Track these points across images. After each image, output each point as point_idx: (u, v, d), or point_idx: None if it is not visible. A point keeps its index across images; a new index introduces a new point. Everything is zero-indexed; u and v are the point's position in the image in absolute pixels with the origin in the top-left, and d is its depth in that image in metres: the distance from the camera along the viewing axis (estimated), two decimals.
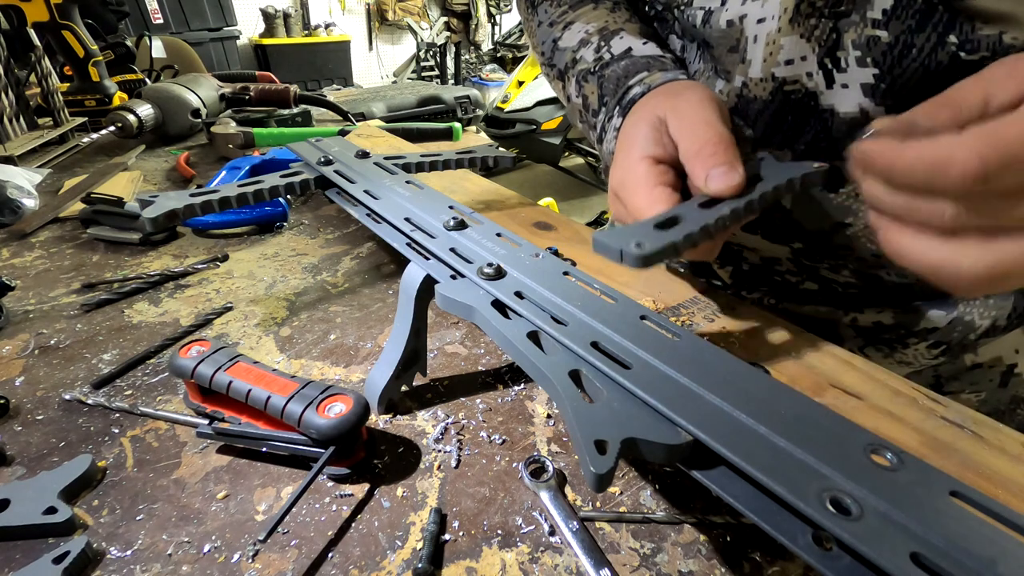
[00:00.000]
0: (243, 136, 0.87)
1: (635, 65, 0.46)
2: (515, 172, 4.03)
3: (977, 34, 0.34)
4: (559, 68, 0.54)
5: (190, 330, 0.47)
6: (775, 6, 0.40)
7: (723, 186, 0.33)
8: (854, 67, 0.38)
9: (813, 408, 0.25)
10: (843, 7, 0.37)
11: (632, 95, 0.44)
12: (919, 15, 0.35)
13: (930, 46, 0.35)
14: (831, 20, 0.38)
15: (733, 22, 0.42)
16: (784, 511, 0.22)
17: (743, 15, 0.42)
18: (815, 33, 0.39)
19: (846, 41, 0.38)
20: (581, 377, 0.28)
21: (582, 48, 0.51)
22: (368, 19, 5.26)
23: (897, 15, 0.35)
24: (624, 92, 0.45)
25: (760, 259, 0.53)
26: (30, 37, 0.94)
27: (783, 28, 0.40)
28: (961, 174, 0.24)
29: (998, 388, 0.48)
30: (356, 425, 0.32)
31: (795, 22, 0.39)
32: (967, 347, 0.47)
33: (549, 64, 0.56)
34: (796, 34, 0.39)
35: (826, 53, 0.39)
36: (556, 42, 0.54)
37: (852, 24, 0.37)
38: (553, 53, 0.54)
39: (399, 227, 0.41)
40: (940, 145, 0.25)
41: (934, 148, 0.25)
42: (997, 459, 0.34)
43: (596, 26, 0.51)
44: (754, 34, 0.42)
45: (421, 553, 0.29)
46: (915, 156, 0.26)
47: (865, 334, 0.50)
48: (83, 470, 0.32)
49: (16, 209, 0.66)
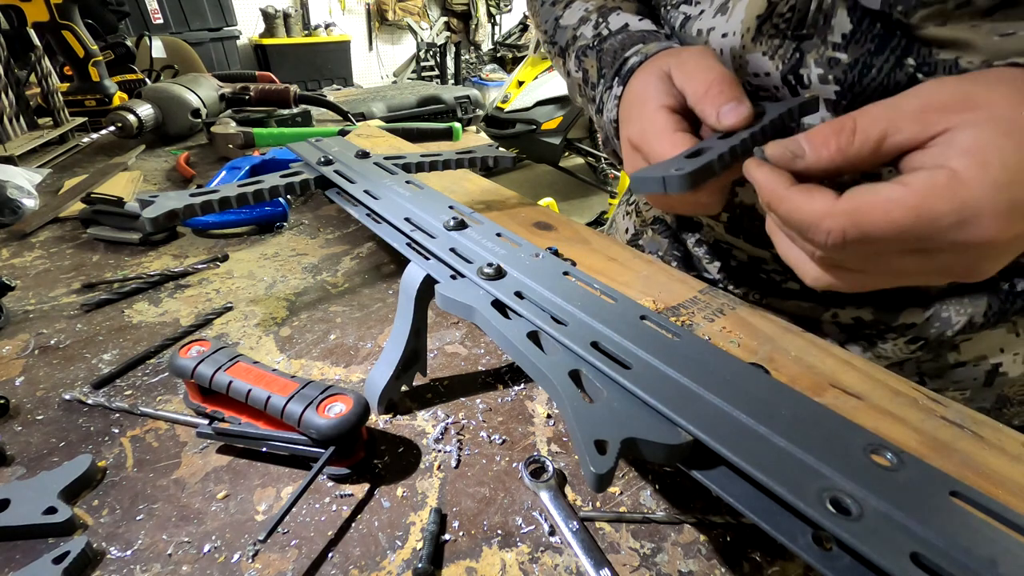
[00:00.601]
0: (243, 136, 0.87)
1: (631, 39, 0.47)
2: (515, 172, 4.03)
3: (934, 58, 0.35)
4: (560, 45, 0.56)
5: (190, 330, 0.47)
6: (737, 23, 0.41)
7: (735, 119, 0.34)
8: (816, 83, 0.40)
9: (813, 408, 0.25)
10: (805, 30, 0.39)
11: (630, 65, 0.45)
12: (878, 39, 0.36)
13: (888, 67, 0.36)
14: (794, 42, 0.39)
15: (702, 32, 0.45)
16: (784, 511, 0.22)
17: (711, 28, 0.44)
18: (779, 52, 0.40)
19: (808, 60, 0.39)
20: (581, 377, 0.28)
21: (582, 25, 0.53)
22: (368, 19, 5.26)
23: (856, 39, 0.37)
24: (622, 63, 0.46)
25: (748, 257, 0.54)
26: (30, 37, 0.94)
27: (746, 45, 0.42)
28: (824, 241, 0.28)
29: (983, 387, 0.48)
30: (356, 425, 0.32)
31: (757, 41, 0.41)
32: (946, 344, 0.48)
33: (551, 42, 0.58)
34: (759, 51, 0.41)
35: (789, 70, 0.41)
36: (558, 20, 0.56)
37: (814, 46, 0.39)
38: (555, 31, 0.57)
39: (399, 227, 0.41)
40: (812, 210, 0.28)
41: (806, 211, 0.29)
42: (997, 459, 0.34)
43: (595, 4, 0.54)
44: (719, 47, 0.44)
45: (421, 553, 0.29)
46: (790, 210, 0.29)
47: (846, 330, 0.51)
48: (83, 470, 0.32)
49: (16, 209, 0.66)
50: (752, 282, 0.55)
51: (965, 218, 0.25)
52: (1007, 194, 0.25)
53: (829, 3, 0.37)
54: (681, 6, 0.47)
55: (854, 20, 0.36)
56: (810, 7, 0.38)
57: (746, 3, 0.41)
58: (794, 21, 0.39)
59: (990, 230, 0.25)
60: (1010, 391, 0.49)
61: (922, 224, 0.26)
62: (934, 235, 0.26)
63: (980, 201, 0.25)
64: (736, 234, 0.54)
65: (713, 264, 0.58)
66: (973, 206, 0.25)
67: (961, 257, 0.28)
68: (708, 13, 0.44)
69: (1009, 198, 0.25)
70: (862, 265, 0.30)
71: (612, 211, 1.09)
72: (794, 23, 0.39)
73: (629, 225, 0.69)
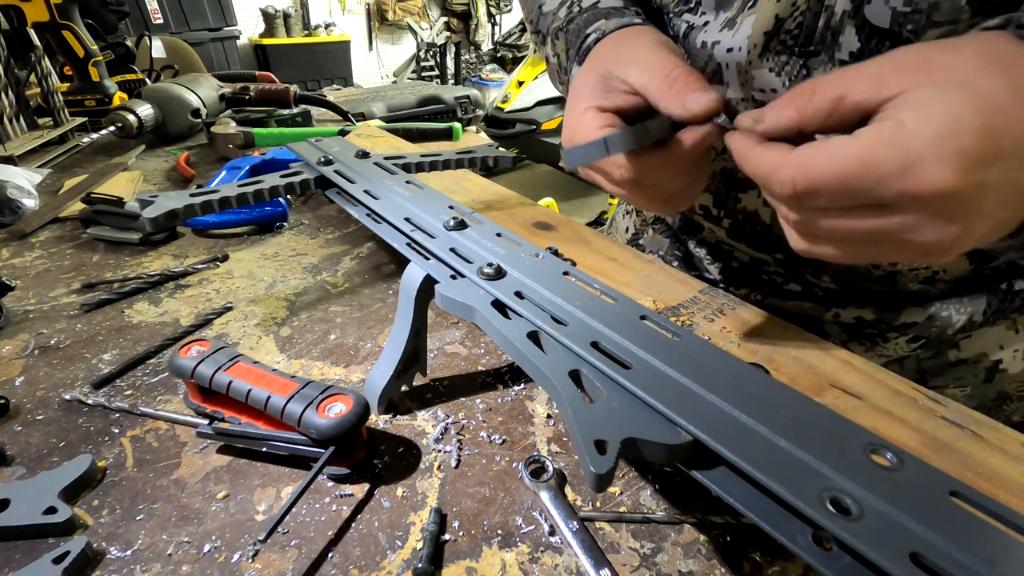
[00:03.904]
0: (243, 136, 0.87)
1: (595, 15, 0.46)
2: (515, 172, 4.03)
3: None
4: (543, 33, 0.55)
5: (190, 330, 0.47)
6: (743, 39, 0.41)
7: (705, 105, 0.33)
8: None
9: (813, 408, 0.25)
10: (812, 47, 0.38)
11: (587, 43, 0.44)
12: None
13: None
14: (801, 58, 0.39)
15: (707, 44, 0.44)
16: (784, 511, 0.22)
17: (716, 41, 0.43)
18: (785, 68, 0.40)
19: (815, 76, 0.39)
20: (581, 377, 0.28)
21: (560, 8, 0.52)
22: (368, 19, 5.25)
23: (864, 57, 0.36)
24: (582, 42, 0.45)
25: (749, 259, 0.54)
26: (30, 37, 0.94)
27: (753, 61, 0.41)
28: (778, 192, 0.29)
29: (983, 384, 0.48)
30: (356, 425, 0.32)
31: (764, 56, 0.40)
32: (946, 342, 0.48)
33: (536, 31, 0.57)
34: (766, 67, 0.41)
35: None
36: (541, 8, 0.55)
37: (821, 63, 0.38)
38: (539, 19, 0.56)
39: (399, 227, 0.41)
40: (769, 162, 0.30)
41: (764, 163, 0.30)
42: (997, 459, 0.34)
43: None
44: (725, 62, 0.43)
45: (421, 553, 0.29)
46: (755, 165, 0.31)
47: (848, 329, 0.51)
48: (83, 470, 0.32)
49: (16, 209, 0.66)
50: (753, 283, 0.55)
51: (908, 165, 0.25)
52: (952, 141, 0.24)
53: (837, 20, 0.36)
54: (684, 15, 0.46)
55: (862, 38, 0.36)
56: (818, 24, 0.37)
57: (753, 19, 0.40)
58: (801, 38, 0.38)
59: (937, 178, 0.25)
60: (1010, 387, 0.49)
61: (865, 171, 0.26)
62: (880, 184, 0.26)
63: (922, 148, 0.25)
64: (738, 239, 0.54)
65: (714, 265, 0.58)
66: (915, 153, 0.25)
67: (921, 214, 0.26)
68: (714, 26, 0.43)
69: (956, 145, 0.24)
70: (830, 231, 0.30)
71: (612, 211, 1.09)
72: (801, 40, 0.38)
73: (629, 224, 0.69)
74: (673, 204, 0.40)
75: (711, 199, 0.53)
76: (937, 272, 0.45)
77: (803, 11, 0.38)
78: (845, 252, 0.31)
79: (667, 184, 0.38)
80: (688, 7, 0.46)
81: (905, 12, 0.33)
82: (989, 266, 0.44)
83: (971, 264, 0.44)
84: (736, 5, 0.42)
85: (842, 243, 0.31)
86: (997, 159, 0.25)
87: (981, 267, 0.44)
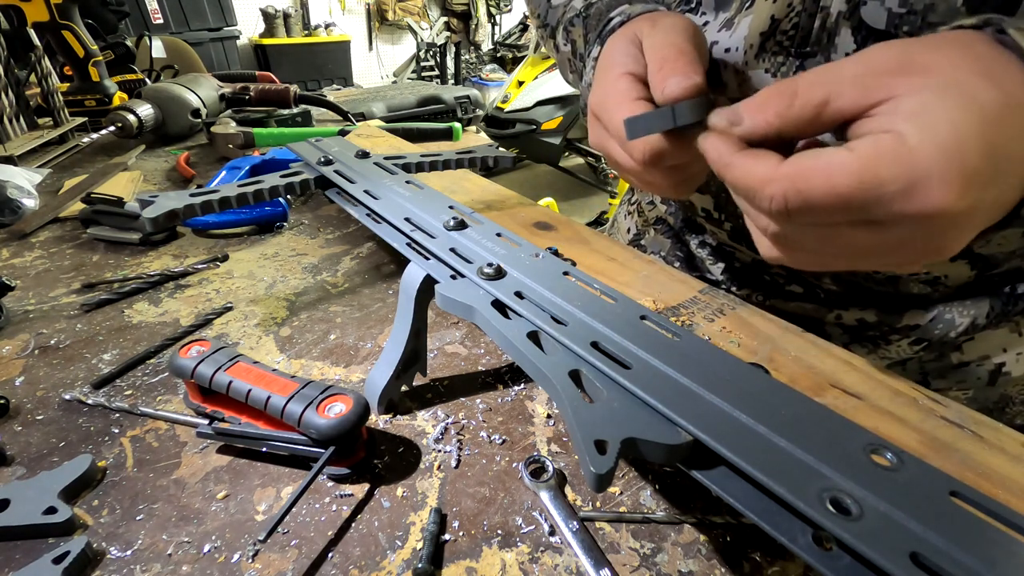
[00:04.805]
0: (243, 136, 0.87)
1: (617, 1, 0.46)
2: (515, 172, 4.03)
3: None
4: (551, 26, 0.54)
5: (190, 330, 0.47)
6: (740, 39, 0.41)
7: (677, 89, 0.32)
8: None
9: (813, 408, 0.25)
10: (808, 48, 0.38)
11: (611, 26, 0.44)
12: None
13: None
14: (797, 59, 0.39)
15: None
16: (784, 511, 0.22)
17: (715, 42, 0.43)
18: (781, 69, 0.40)
19: None
20: (581, 377, 0.28)
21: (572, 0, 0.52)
22: (368, 19, 5.25)
23: None
24: (605, 24, 0.45)
25: (751, 260, 0.54)
26: (30, 37, 0.94)
27: (749, 62, 0.41)
28: (766, 207, 0.27)
29: (986, 387, 0.48)
30: (356, 425, 0.32)
31: (760, 57, 0.40)
32: (949, 344, 0.47)
33: (543, 25, 0.57)
34: (761, 68, 0.41)
35: None
36: (549, 1, 0.55)
37: (817, 64, 0.38)
38: (547, 12, 0.55)
39: (399, 227, 0.41)
40: (756, 176, 0.27)
41: (750, 176, 0.28)
42: (997, 459, 0.34)
43: None
44: (722, 62, 0.43)
45: (421, 553, 0.29)
46: (737, 176, 0.29)
47: (850, 331, 0.51)
48: (83, 470, 0.32)
49: (16, 209, 0.66)
50: (755, 284, 0.55)
51: (912, 185, 0.23)
52: (957, 160, 0.23)
53: (833, 22, 0.36)
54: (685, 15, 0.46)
55: (858, 39, 0.36)
56: (814, 25, 0.37)
57: (750, 19, 0.40)
58: (797, 39, 0.38)
59: (940, 199, 0.23)
60: (1013, 390, 0.49)
61: (866, 191, 0.24)
62: (880, 204, 0.24)
63: (928, 167, 0.23)
64: (739, 241, 0.53)
65: (716, 265, 0.58)
66: (921, 172, 0.23)
67: (916, 231, 0.25)
68: (713, 26, 0.43)
69: (960, 164, 0.23)
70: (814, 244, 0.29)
71: (612, 211, 1.09)
72: (797, 41, 0.38)
73: (631, 225, 0.69)
74: (686, 187, 0.38)
75: (712, 202, 0.53)
76: (939, 277, 0.45)
77: (799, 12, 0.38)
78: (820, 262, 0.30)
79: (689, 165, 0.36)
80: (689, 7, 0.46)
81: (901, 13, 0.33)
82: (992, 272, 0.44)
83: (973, 270, 0.44)
84: (735, 5, 0.42)
85: (818, 254, 0.30)
86: (996, 176, 0.24)
87: (984, 273, 0.44)
